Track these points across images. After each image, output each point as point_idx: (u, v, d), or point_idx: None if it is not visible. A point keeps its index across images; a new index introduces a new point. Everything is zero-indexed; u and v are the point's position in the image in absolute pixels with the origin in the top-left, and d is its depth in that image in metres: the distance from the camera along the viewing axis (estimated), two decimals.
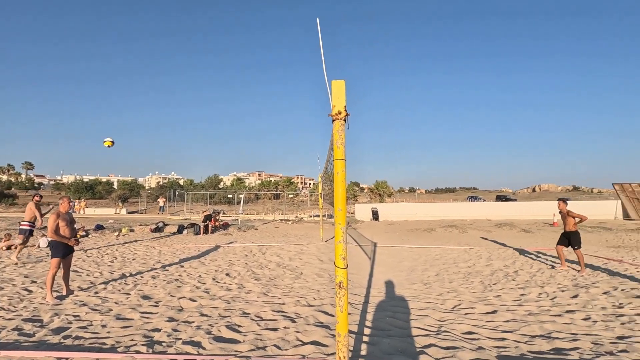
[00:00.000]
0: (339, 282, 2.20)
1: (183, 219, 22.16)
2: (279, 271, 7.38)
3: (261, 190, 45.88)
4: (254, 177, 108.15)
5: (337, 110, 2.29)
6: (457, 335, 3.79)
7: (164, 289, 5.85)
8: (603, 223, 18.71)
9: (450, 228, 17.29)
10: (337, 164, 2.28)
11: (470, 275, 7.34)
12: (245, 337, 3.64)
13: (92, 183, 49.82)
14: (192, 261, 8.52)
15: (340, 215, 2.25)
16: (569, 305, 5.07)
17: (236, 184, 55.40)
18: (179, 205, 31.18)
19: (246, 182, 77.65)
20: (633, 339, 3.74)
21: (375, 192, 37.08)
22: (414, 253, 10.37)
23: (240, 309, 4.71)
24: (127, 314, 4.51)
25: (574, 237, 7.39)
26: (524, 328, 4.12)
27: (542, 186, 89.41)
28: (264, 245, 11.43)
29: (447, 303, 5.20)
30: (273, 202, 38.23)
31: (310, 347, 3.29)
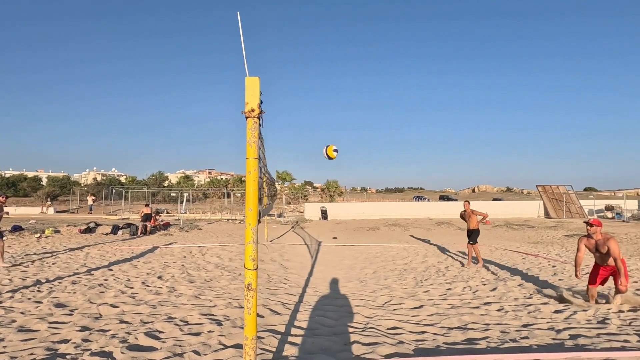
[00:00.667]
0: (248, 283, 2.15)
1: (120, 219, 20.68)
2: (216, 272, 7.14)
3: (210, 189, 44.28)
4: (204, 175, 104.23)
5: (251, 107, 2.23)
6: (382, 331, 3.92)
7: (84, 295, 5.37)
8: (527, 221, 20.66)
9: (393, 227, 18.01)
10: (250, 163, 2.22)
11: (406, 271, 7.68)
12: (163, 343, 3.44)
13: (14, 179, 44.59)
14: (123, 264, 7.95)
15: (251, 215, 2.19)
16: (487, 298, 5.49)
17: (183, 182, 52.91)
18: (117, 204, 29.04)
19: (195, 180, 74.51)
20: (535, 327, 4.14)
21: (326, 192, 37.52)
22: (356, 251, 10.62)
23: (165, 314, 4.46)
24: (32, 325, 4.06)
25: (474, 234, 8.08)
26: (444, 321, 4.38)
27: (480, 187, 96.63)
28: (205, 245, 11.01)
29: (378, 300, 5.38)
30: (222, 201, 37.09)
31: (231, 351, 3.19)
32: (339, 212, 24.07)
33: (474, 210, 8.20)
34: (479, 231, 8.16)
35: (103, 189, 32.59)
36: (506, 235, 15.26)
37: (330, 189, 36.93)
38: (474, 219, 8.13)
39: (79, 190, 34.39)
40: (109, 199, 29.79)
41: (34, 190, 39.41)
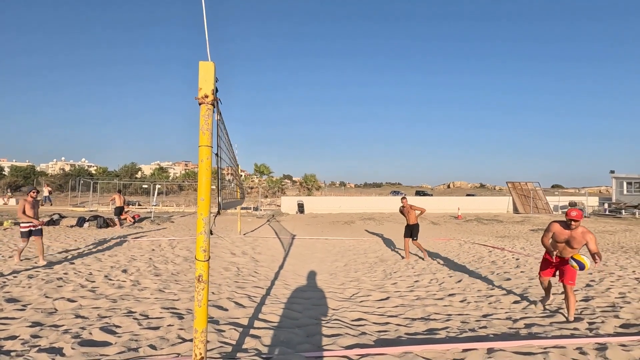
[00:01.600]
0: (199, 275, 2.08)
1: (88, 211, 19.88)
2: (184, 266, 6.98)
3: (185, 181, 43.27)
4: (180, 167, 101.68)
5: (204, 93, 2.15)
6: (345, 323, 3.95)
7: (40, 289, 5.11)
8: (497, 216, 21.40)
9: (368, 220, 18.22)
10: (202, 151, 2.14)
11: (376, 264, 7.78)
12: (119, 338, 3.32)
13: None
14: (86, 257, 7.63)
15: (202, 205, 2.12)
16: (452, 289, 5.64)
17: (157, 174, 51.42)
18: (85, 196, 27.88)
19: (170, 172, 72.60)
20: (494, 317, 4.28)
21: (304, 186, 37.46)
22: (329, 245, 10.67)
23: (126, 308, 4.32)
24: None
25: (415, 229, 8.29)
26: (408, 312, 4.46)
27: (455, 183, 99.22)
28: (175, 239, 10.75)
29: (346, 292, 5.41)
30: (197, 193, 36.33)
31: (189, 345, 3.12)
32: (315, 206, 24.09)
33: (412, 205, 8.38)
34: (418, 226, 8.35)
35: (70, 180, 31.18)
36: (476, 230, 15.75)
37: (308, 183, 36.89)
38: (412, 214, 8.33)
39: (44, 181, 32.78)
40: (77, 190, 28.55)
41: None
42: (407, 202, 8.44)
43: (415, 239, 8.16)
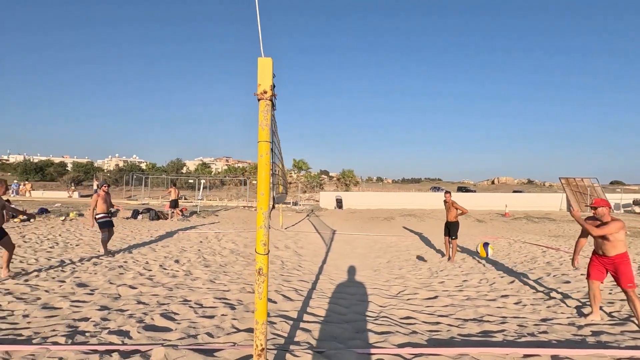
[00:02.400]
0: (259, 268, 2.13)
1: (140, 204, 21.24)
2: (231, 258, 7.23)
3: (227, 176, 44.85)
4: (221, 162, 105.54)
5: (263, 89, 2.18)
6: (395, 321, 3.88)
7: (104, 276, 5.54)
8: (548, 214, 20.05)
9: (409, 217, 17.81)
10: (261, 146, 2.18)
11: (420, 262, 7.58)
12: (178, 325, 3.51)
13: (42, 164, 46.37)
14: (142, 247, 8.16)
15: (262, 199, 2.16)
16: (504, 290, 5.36)
17: (201, 169, 53.77)
18: (137, 190, 29.83)
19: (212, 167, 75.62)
20: (555, 321, 4.01)
21: (342, 181, 37.40)
22: (370, 241, 10.57)
23: (181, 296, 4.55)
24: (55, 303, 4.22)
25: (453, 227, 7.81)
26: (459, 312, 4.30)
27: (500, 179, 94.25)
28: (220, 231, 11.18)
29: (392, 289, 5.33)
30: (239, 188, 37.55)
31: (243, 335, 3.22)
32: (354, 202, 23.97)
33: (454, 202, 7.92)
34: (458, 224, 7.87)
35: (124, 175, 33.50)
36: (525, 228, 14.86)
37: (346, 179, 36.78)
38: (453, 212, 7.88)
39: (102, 176, 35.50)
40: (130, 185, 30.61)
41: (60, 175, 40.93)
42: (450, 198, 8.03)
43: (453, 238, 7.71)
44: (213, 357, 2.75)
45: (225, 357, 2.75)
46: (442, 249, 9.06)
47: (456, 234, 7.73)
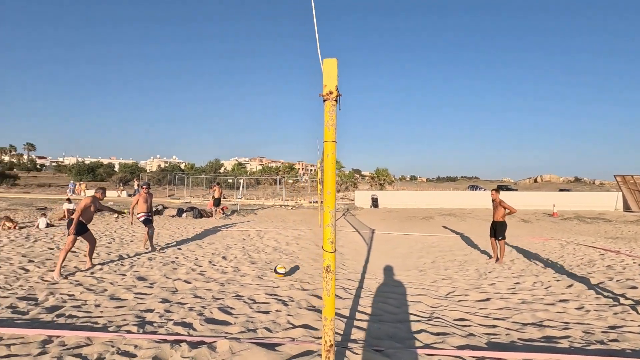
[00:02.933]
0: (327, 266, 2.17)
1: (183, 202, 22.23)
2: (275, 255, 7.40)
3: (262, 176, 45.86)
4: (256, 162, 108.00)
5: (329, 90, 2.21)
6: (449, 322, 3.80)
7: (160, 270, 5.87)
8: (602, 214, 18.68)
9: (448, 216, 17.30)
10: (327, 146, 2.21)
11: (466, 263, 7.36)
12: (236, 319, 3.65)
13: (93, 165, 49.89)
14: (190, 244, 8.55)
15: (329, 198, 2.20)
16: (563, 295, 5.07)
17: (237, 169, 55.36)
18: (178, 189, 31.25)
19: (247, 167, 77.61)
20: (625, 329, 3.74)
21: (376, 180, 37.00)
22: (410, 240, 10.38)
23: (234, 292, 4.73)
24: (121, 295, 4.53)
25: (500, 228, 7.39)
26: (516, 316, 4.13)
27: (543, 177, 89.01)
28: (261, 229, 11.45)
29: (440, 290, 5.21)
30: (273, 187, 38.28)
31: (300, 330, 3.29)
32: (390, 201, 23.65)
33: (502, 201, 7.49)
34: (505, 224, 7.43)
35: (167, 175, 35.21)
36: (577, 229, 13.95)
37: (380, 177, 36.36)
38: (500, 211, 7.46)
39: (146, 176, 37.53)
40: (172, 184, 32.12)
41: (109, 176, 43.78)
42: (498, 196, 7.63)
43: (500, 239, 7.33)
44: (275, 351, 2.83)
45: (287, 351, 2.83)
46: (488, 250, 8.72)
47: (503, 234, 7.38)
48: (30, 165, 65.54)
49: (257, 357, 2.72)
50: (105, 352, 2.82)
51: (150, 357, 2.73)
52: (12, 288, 4.68)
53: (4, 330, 3.17)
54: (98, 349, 2.87)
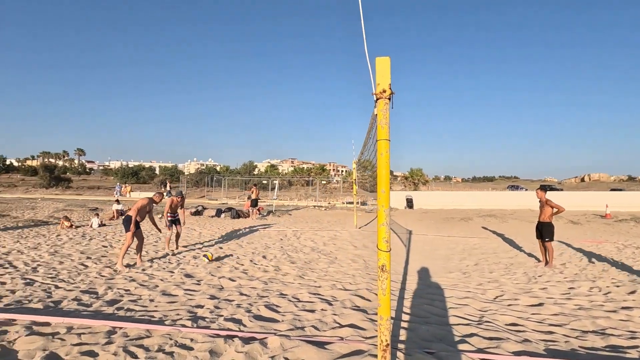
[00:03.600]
0: (382, 265, 2.15)
1: (221, 203, 22.96)
2: (313, 255, 7.45)
3: (294, 177, 46.40)
4: (287, 164, 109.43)
5: (382, 88, 2.20)
6: (501, 326, 3.65)
7: (205, 268, 6.10)
8: None
9: (488, 217, 16.62)
10: (381, 145, 2.20)
11: (513, 266, 7.03)
12: (283, 317, 3.72)
13: (136, 169, 52.81)
14: (230, 243, 8.81)
15: (383, 197, 2.19)
16: (625, 302, 4.71)
17: (270, 171, 56.40)
18: (215, 191, 32.33)
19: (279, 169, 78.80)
20: None
21: (410, 180, 36.28)
22: (450, 242, 10.08)
23: (277, 290, 4.82)
24: (172, 291, 4.76)
25: (546, 229, 6.90)
26: (574, 323, 3.89)
27: (592, 175, 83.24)
28: (298, 230, 11.59)
29: (488, 293, 5.02)
30: (306, 188, 38.60)
31: (348, 330, 3.30)
32: (425, 201, 23.10)
33: (549, 200, 6.99)
34: (552, 225, 6.95)
35: (204, 177, 36.55)
36: (635, 232, 12.88)
37: (414, 177, 35.62)
38: (547, 211, 6.96)
39: (185, 178, 39.15)
40: (210, 186, 33.28)
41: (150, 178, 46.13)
42: (544, 195, 7.18)
43: (547, 240, 6.89)
44: (325, 349, 2.85)
45: (337, 350, 2.84)
46: (535, 253, 8.28)
47: (550, 236, 6.93)
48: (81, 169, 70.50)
49: (308, 354, 2.75)
50: (164, 344, 2.98)
51: (206, 350, 2.84)
52: (75, 282, 5.06)
53: (74, 320, 3.43)
54: (157, 341, 3.03)
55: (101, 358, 2.73)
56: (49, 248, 7.53)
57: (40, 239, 8.73)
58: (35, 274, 5.44)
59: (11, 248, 7.39)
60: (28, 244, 7.97)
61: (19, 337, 3.04)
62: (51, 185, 36.09)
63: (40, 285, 4.85)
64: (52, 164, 48.65)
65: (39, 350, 2.83)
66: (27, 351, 2.82)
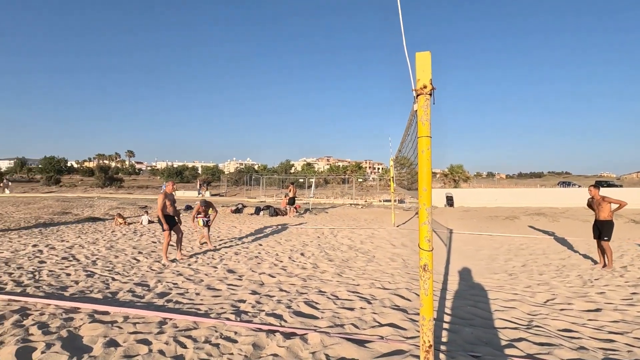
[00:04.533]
0: (424, 264, 2.11)
1: (259, 202, 23.57)
2: (351, 253, 7.44)
3: (330, 175, 46.52)
4: (323, 162, 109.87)
5: (422, 84, 2.15)
6: (552, 332, 3.43)
7: (246, 264, 6.30)
8: None
9: (537, 216, 15.64)
10: (422, 142, 2.15)
11: (565, 268, 6.58)
12: (322, 313, 3.76)
13: (180, 168, 55.58)
14: (269, 240, 9.02)
15: (425, 195, 2.14)
16: None
17: (306, 169, 56.97)
18: (253, 189, 33.23)
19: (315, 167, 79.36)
20: None
21: (450, 177, 35.01)
22: (494, 241, 9.62)
23: (316, 287, 4.87)
24: (215, 285, 4.97)
25: (606, 227, 6.33)
26: (637, 331, 3.57)
27: None
28: (335, 228, 11.62)
29: (537, 296, 4.74)
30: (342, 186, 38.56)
31: (388, 329, 3.26)
32: (466, 199, 22.20)
33: (605, 197, 6.38)
34: (612, 224, 6.38)
35: (243, 176, 37.70)
36: None
37: (454, 174, 34.34)
38: (605, 208, 6.35)
39: (225, 177, 40.60)
40: (248, 185, 34.27)
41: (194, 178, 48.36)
42: (598, 193, 6.65)
43: (605, 239, 6.38)
44: (365, 347, 2.85)
45: (377, 349, 2.83)
46: (590, 254, 7.69)
47: (609, 234, 6.40)
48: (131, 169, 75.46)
49: (349, 352, 2.76)
50: (210, 336, 3.12)
51: (250, 343, 2.94)
52: (129, 275, 5.44)
53: (129, 310, 3.70)
54: (204, 333, 3.18)
55: (154, 346, 2.92)
56: (105, 243, 8.15)
57: (98, 234, 9.47)
58: (94, 266, 5.92)
59: (74, 242, 8.09)
60: (88, 239, 8.68)
61: (83, 324, 3.34)
62: (106, 184, 38.97)
63: (99, 277, 5.28)
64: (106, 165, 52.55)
65: (100, 336, 3.08)
66: (91, 337, 3.08)
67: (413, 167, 4.45)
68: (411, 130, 3.68)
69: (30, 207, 16.15)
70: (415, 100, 2.24)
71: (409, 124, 3.77)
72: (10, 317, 3.47)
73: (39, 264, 5.94)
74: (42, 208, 15.69)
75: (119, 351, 2.83)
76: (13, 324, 3.33)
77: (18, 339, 2.99)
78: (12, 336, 3.05)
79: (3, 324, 3.33)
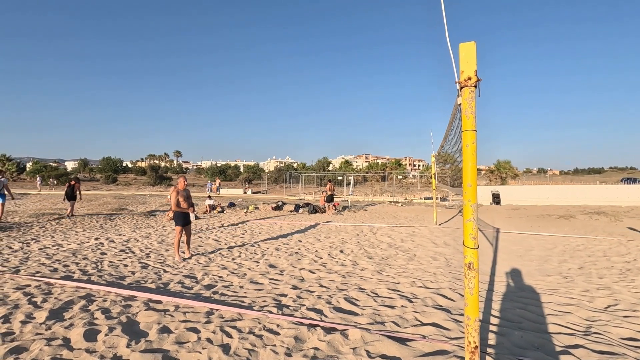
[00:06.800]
0: (469, 262, 2.04)
1: (298, 199, 23.93)
2: (391, 251, 7.34)
3: (369, 173, 46.06)
4: (361, 159, 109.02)
5: (467, 75, 2.07)
6: (614, 340, 3.16)
7: (287, 260, 6.44)
8: None
9: (596, 215, 14.40)
10: (467, 136, 2.08)
11: (630, 272, 6.01)
12: (363, 310, 3.75)
13: (223, 167, 57.87)
14: (309, 237, 9.14)
15: (470, 191, 2.07)
16: None
17: (344, 167, 56.86)
18: (292, 187, 33.79)
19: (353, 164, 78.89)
20: None
21: (496, 174, 33.25)
22: (546, 242, 9.00)
23: (355, 284, 4.87)
24: (258, 279, 5.14)
25: None
26: None
27: None
28: (374, 225, 11.50)
29: (597, 301, 4.38)
30: (381, 184, 38.06)
31: (430, 329, 3.19)
32: (514, 197, 20.97)
33: None
34: None
35: (283, 174, 38.46)
36: None
37: (501, 171, 32.56)
38: None
39: (265, 176, 41.66)
40: (288, 182, 34.91)
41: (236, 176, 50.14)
42: None
43: None
44: (406, 346, 2.81)
45: (419, 348, 2.78)
46: None
47: None
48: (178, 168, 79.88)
49: (390, 349, 2.74)
50: (254, 327, 3.24)
51: (291, 336, 3.01)
52: (178, 268, 5.78)
53: (180, 300, 3.94)
54: (248, 324, 3.31)
55: (203, 335, 3.09)
56: (157, 237, 8.71)
57: (150, 229, 10.14)
58: (148, 259, 6.36)
59: (130, 236, 8.73)
60: (142, 233, 9.33)
61: (139, 311, 3.61)
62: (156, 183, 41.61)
63: (152, 268, 5.66)
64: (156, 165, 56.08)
65: (154, 323, 3.32)
66: (146, 323, 3.33)
67: (457, 164, 4.29)
68: (455, 124, 3.56)
69: (92, 203, 17.64)
70: (459, 93, 2.17)
71: (452, 118, 3.64)
72: (78, 302, 3.84)
73: (101, 255, 6.50)
74: (102, 205, 17.09)
75: (172, 337, 3.03)
76: (80, 308, 3.68)
77: (85, 322, 3.30)
78: (80, 319, 3.38)
79: (72, 308, 3.69)
